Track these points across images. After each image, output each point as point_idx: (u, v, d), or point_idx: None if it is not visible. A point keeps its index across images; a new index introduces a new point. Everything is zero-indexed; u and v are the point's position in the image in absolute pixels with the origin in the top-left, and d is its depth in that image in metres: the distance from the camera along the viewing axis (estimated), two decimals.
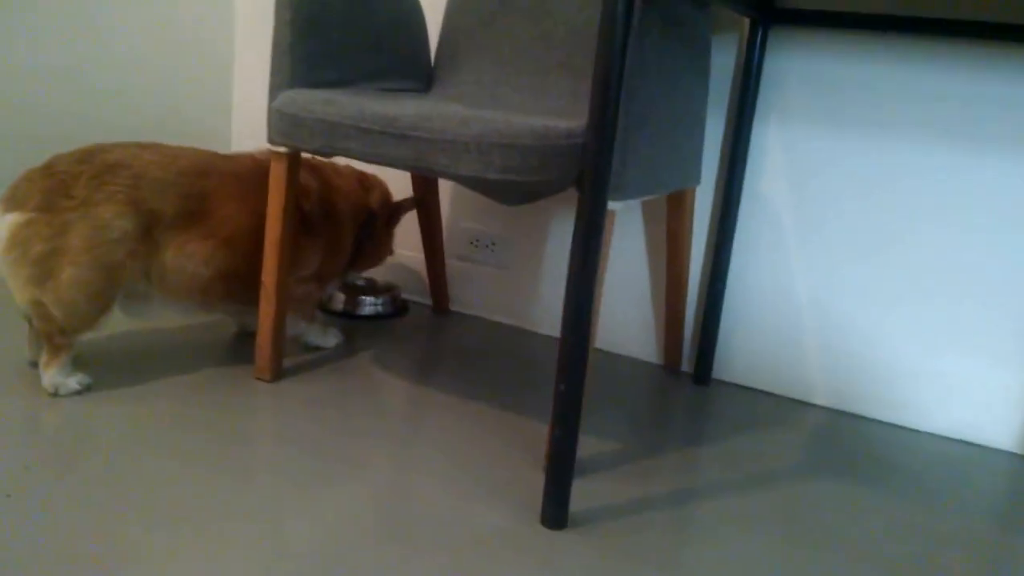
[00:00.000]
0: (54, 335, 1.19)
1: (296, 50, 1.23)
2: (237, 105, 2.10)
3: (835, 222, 1.44)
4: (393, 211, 1.59)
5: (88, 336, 1.23)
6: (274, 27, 1.24)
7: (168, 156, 1.27)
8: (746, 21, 1.43)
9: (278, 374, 1.35)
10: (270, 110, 1.23)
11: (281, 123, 1.21)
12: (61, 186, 1.16)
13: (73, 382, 1.21)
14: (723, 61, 1.47)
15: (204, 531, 0.91)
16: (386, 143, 1.09)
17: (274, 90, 1.25)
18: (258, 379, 1.33)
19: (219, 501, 0.97)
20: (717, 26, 1.46)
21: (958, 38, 1.31)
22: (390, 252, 1.65)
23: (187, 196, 1.25)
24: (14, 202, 1.15)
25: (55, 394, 1.20)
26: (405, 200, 1.61)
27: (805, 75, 1.41)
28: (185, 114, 1.98)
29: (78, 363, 1.26)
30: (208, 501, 0.97)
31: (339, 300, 1.74)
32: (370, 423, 1.23)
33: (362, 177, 1.56)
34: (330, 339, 1.52)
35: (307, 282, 1.43)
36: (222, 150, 1.40)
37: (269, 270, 1.30)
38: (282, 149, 1.24)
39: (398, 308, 1.78)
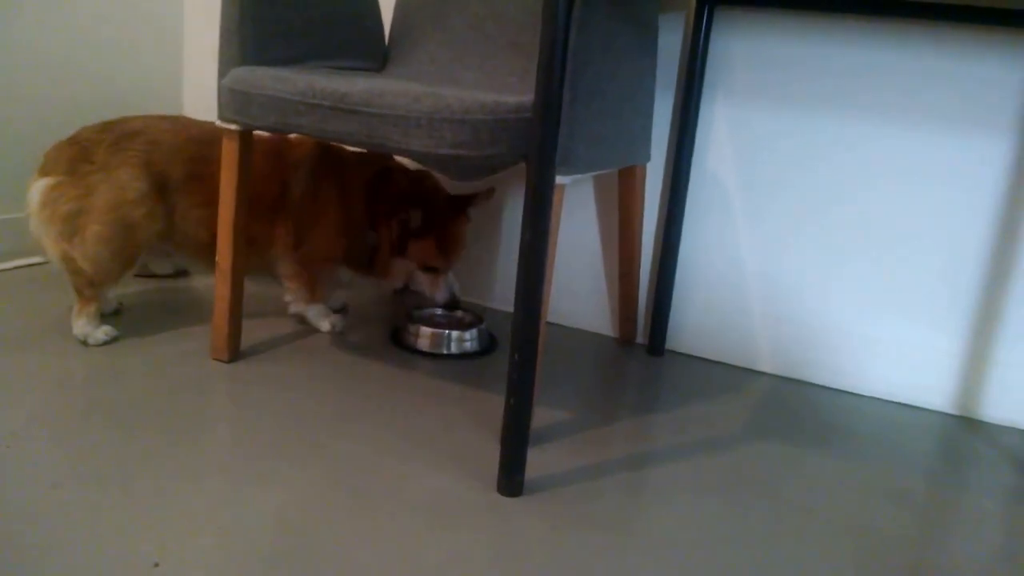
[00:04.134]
0: (84, 288, 1.33)
1: (245, 28, 1.22)
2: (187, 82, 2.07)
3: (779, 196, 1.49)
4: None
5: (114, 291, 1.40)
6: (222, 4, 1.23)
7: (181, 125, 1.41)
8: (692, 1, 1.46)
9: (235, 354, 1.35)
10: (220, 88, 1.23)
11: (232, 100, 1.20)
12: (84, 153, 1.32)
13: (100, 333, 1.35)
14: (671, 41, 1.50)
15: (163, 505, 0.92)
16: (336, 119, 1.09)
17: (223, 68, 1.24)
18: (215, 359, 1.33)
19: (180, 473, 0.98)
20: (664, 6, 1.48)
21: (893, 16, 1.35)
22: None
23: (193, 160, 1.38)
24: (45, 169, 1.31)
25: (84, 343, 1.33)
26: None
27: (749, 54, 1.45)
28: (134, 91, 1.94)
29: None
30: (170, 470, 0.98)
31: (414, 335, 1.50)
32: (331, 400, 1.24)
33: (412, 176, 1.49)
34: (324, 324, 1.53)
35: (296, 261, 1.46)
36: None
37: (223, 251, 1.29)
38: (233, 126, 1.23)
39: (489, 343, 1.55)
